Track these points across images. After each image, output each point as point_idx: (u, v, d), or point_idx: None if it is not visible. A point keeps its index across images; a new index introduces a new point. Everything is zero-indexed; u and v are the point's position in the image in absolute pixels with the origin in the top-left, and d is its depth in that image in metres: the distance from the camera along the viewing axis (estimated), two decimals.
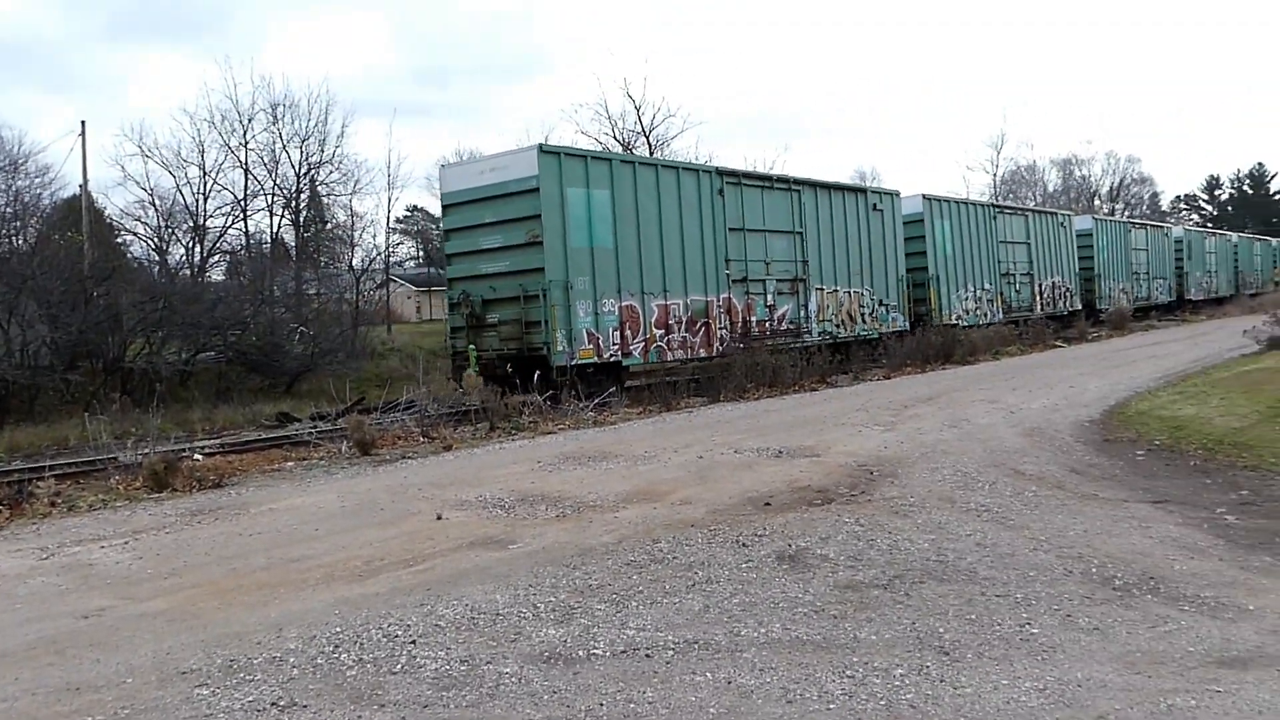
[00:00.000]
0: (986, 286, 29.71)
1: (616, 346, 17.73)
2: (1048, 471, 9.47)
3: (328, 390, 20.25)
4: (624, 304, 17.85)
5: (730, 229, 20.15)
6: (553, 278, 16.60)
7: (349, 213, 42.63)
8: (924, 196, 27.63)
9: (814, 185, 22.93)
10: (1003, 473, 9.37)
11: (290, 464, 12.46)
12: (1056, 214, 36.33)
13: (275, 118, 35.99)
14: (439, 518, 8.30)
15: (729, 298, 20.11)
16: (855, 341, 23.38)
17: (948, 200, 29.26)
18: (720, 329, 19.83)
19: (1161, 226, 50.41)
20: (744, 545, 6.98)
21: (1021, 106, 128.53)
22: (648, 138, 47.61)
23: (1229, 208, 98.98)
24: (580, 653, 5.02)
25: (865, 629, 5.22)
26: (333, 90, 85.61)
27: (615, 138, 47.73)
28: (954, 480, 9.04)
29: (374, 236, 45.69)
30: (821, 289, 22.70)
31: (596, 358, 17.36)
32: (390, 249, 49.67)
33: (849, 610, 5.54)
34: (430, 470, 11.14)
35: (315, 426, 16.67)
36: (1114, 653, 4.81)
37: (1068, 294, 34.86)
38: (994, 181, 69.45)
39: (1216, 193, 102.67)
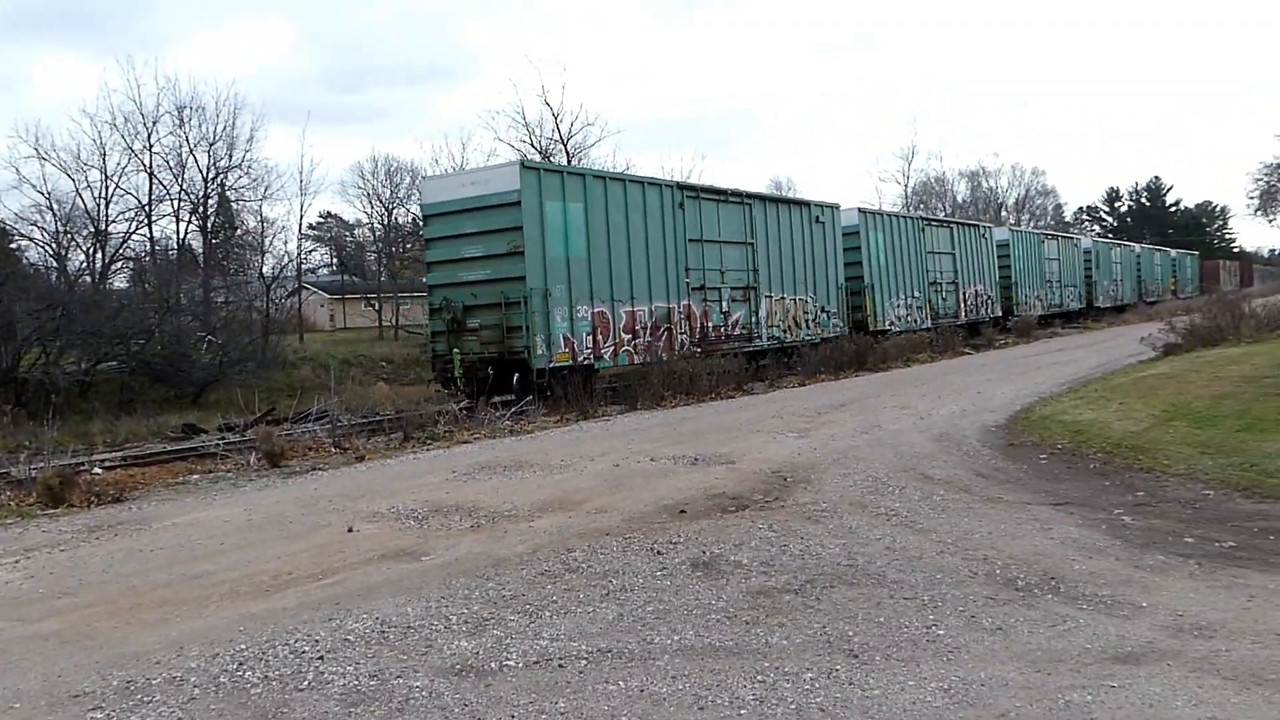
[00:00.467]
0: (916, 294, 30.93)
1: (589, 350, 18.61)
2: (955, 476, 9.69)
3: (237, 401, 19.76)
4: (596, 310, 18.75)
5: (690, 240, 21.19)
6: (533, 285, 17.39)
7: (259, 219, 41.70)
8: (859, 210, 28.91)
9: (763, 199, 24.47)
10: (912, 477, 9.56)
11: (196, 477, 12.12)
12: (979, 226, 38.14)
13: (181, 120, 34.99)
14: (350, 530, 8.15)
15: (689, 305, 21.18)
16: (800, 346, 24.27)
17: (882, 213, 31.09)
18: (681, 334, 20.84)
19: (1072, 238, 52.30)
20: (659, 553, 6.99)
21: (930, 118, 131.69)
22: (566, 146, 47.52)
23: (1128, 219, 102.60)
24: (492, 664, 4.97)
25: (777, 634, 5.27)
26: (242, 93, 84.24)
27: (533, 145, 47.54)
28: (865, 485, 9.20)
29: (286, 243, 45.04)
30: (770, 296, 23.82)
31: (572, 360, 18.20)
32: (303, 256, 48.70)
33: (761, 616, 5.58)
34: (342, 482, 10.94)
35: (223, 438, 16.25)
36: (1015, 652, 4.93)
37: (989, 301, 36.50)
38: (905, 192, 70.95)
39: (1116, 204, 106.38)
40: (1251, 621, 5.25)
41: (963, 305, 34.02)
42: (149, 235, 35.07)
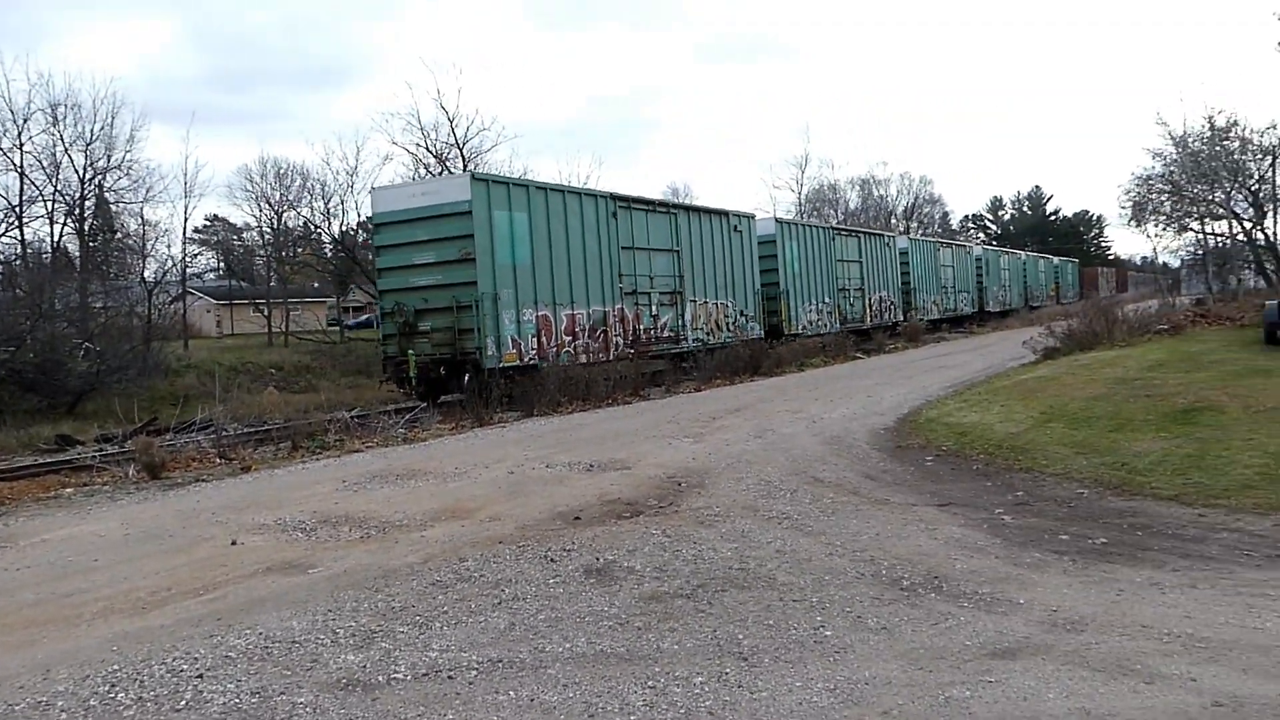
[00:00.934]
0: (827, 300, 32.54)
1: (534, 351, 19.56)
2: (845, 478, 9.89)
3: (116, 410, 18.99)
4: (540, 313, 19.79)
5: (622, 247, 22.41)
6: (484, 290, 18.30)
7: (141, 221, 40.17)
8: (776, 220, 31.31)
9: (687, 209, 26.14)
10: (803, 480, 9.73)
11: (70, 490, 11.61)
12: (883, 235, 40.50)
13: (56, 118, 33.61)
14: (234, 543, 7.91)
15: (622, 308, 22.35)
16: (721, 347, 25.16)
17: (796, 223, 33.28)
18: (616, 336, 22.03)
19: (965, 246, 54.21)
20: (552, 560, 6.96)
21: (822, 127, 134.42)
22: (461, 151, 47.06)
23: (1011, 227, 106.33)
24: (380, 678, 4.87)
25: (668, 639, 5.30)
26: (122, 91, 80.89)
27: (429, 149, 46.98)
28: (758, 489, 9.32)
29: (169, 247, 43.26)
30: (694, 301, 25.12)
31: (519, 360, 19.13)
32: (187, 260, 47.13)
33: (653, 621, 5.60)
34: (226, 493, 10.61)
35: (100, 449, 15.63)
36: (899, 650, 5.05)
37: (892, 306, 38.24)
38: (799, 200, 72.23)
39: (1000, 213, 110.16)
40: (1120, 615, 5.48)
41: (868, 310, 35.65)
42: (20, 238, 33.58)
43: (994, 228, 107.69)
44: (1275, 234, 31.86)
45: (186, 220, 45.30)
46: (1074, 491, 9.02)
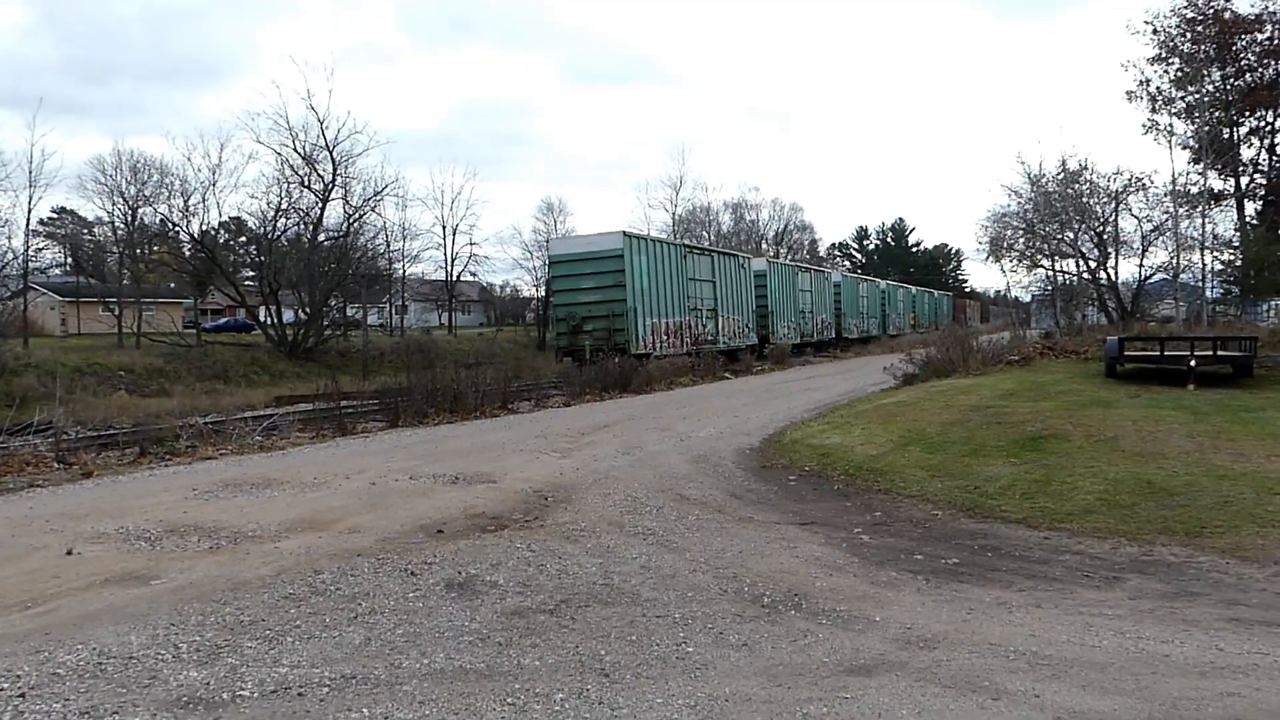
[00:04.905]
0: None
1: (650, 344, 29.80)
2: (710, 496, 9.97)
3: None
4: (653, 321, 30.18)
5: (689, 278, 32.95)
6: (629, 306, 28.78)
7: None
8: (766, 259, 41.79)
9: (716, 252, 38.86)
10: (670, 498, 9.76)
11: None
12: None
13: None
14: (69, 553, 7.43)
15: (688, 320, 32.81)
16: (736, 349, 35.38)
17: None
18: (687, 338, 32.23)
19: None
20: (413, 574, 6.78)
21: (698, 151, 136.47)
22: (331, 153, 46.11)
23: (875, 256, 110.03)
24: (224, 695, 4.63)
25: (530, 655, 5.21)
26: None
27: (296, 150, 45.77)
28: (624, 505, 9.30)
29: (10, 239, 40.57)
30: (721, 315, 35.48)
31: (644, 350, 28.93)
32: (31, 253, 44.52)
33: (515, 637, 5.50)
34: (64, 500, 10.00)
35: None
36: (759, 667, 5.09)
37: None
38: (673, 219, 73.04)
39: (865, 242, 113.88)
40: (970, 633, 5.65)
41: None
42: None
43: (859, 256, 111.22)
44: (1116, 274, 33.78)
45: (30, 211, 42.71)
46: (929, 513, 9.31)
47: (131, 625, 5.64)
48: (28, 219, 43.21)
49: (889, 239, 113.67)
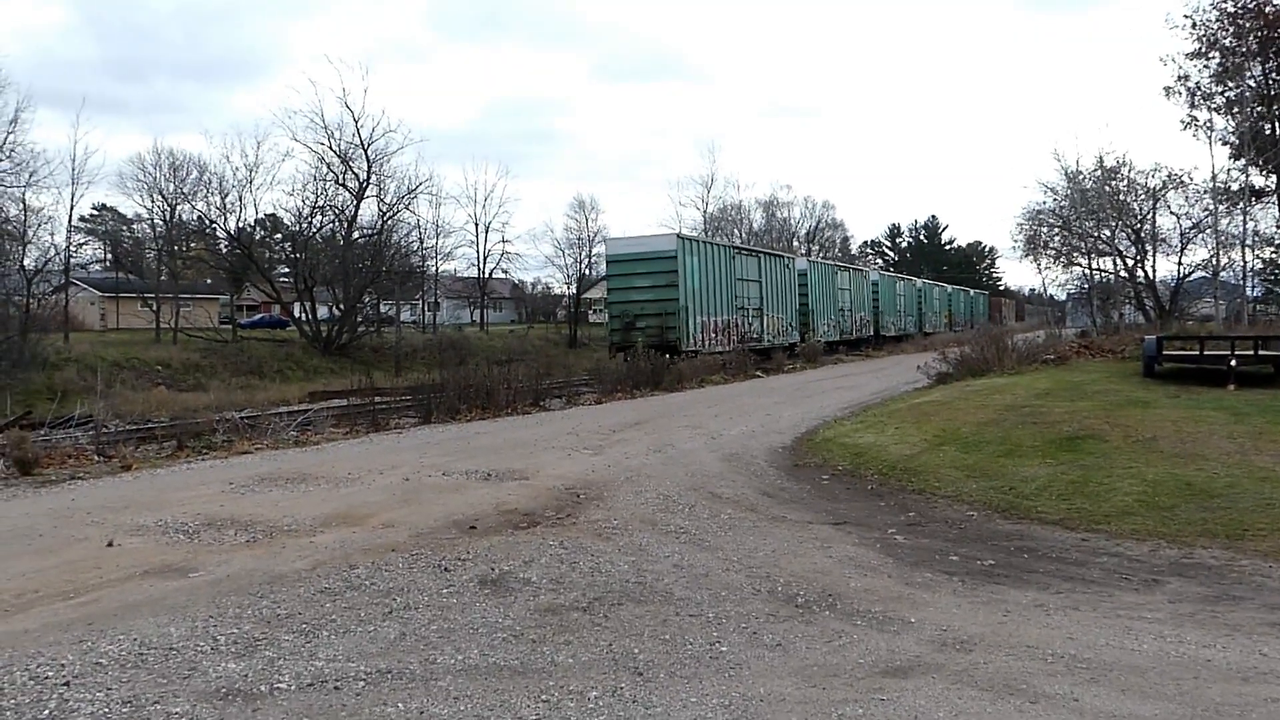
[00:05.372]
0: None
1: (700, 341, 30.81)
2: (743, 495, 9.94)
3: None
4: (703, 319, 31.17)
5: (736, 278, 33.79)
6: (681, 305, 29.86)
7: (22, 207, 38.23)
8: (808, 258, 42.04)
9: (762, 252, 39.88)
10: (701, 496, 9.75)
11: None
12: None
13: None
14: (110, 544, 7.54)
15: (735, 318, 33.73)
16: (776, 347, 35.51)
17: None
18: (734, 336, 33.14)
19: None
20: (446, 570, 6.81)
21: (729, 148, 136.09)
22: (366, 151, 46.41)
23: (908, 254, 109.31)
24: (262, 687, 4.68)
25: (563, 652, 5.22)
26: (7, 72, 77.13)
27: (332, 148, 46.12)
28: (656, 503, 9.30)
29: (53, 235, 41.17)
30: (766, 314, 36.42)
31: (694, 347, 30.05)
32: (72, 249, 45.17)
33: (548, 634, 5.52)
34: (104, 492, 10.14)
35: None
36: (794, 667, 5.07)
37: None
38: (704, 217, 72.85)
39: (898, 240, 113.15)
40: (1007, 635, 5.60)
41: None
42: None
43: (892, 254, 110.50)
44: (1154, 272, 33.35)
45: (73, 208, 43.37)
46: (964, 514, 9.24)
47: (171, 617, 5.71)
48: (70, 216, 43.88)
49: (922, 237, 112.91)
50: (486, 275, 64.83)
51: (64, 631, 5.46)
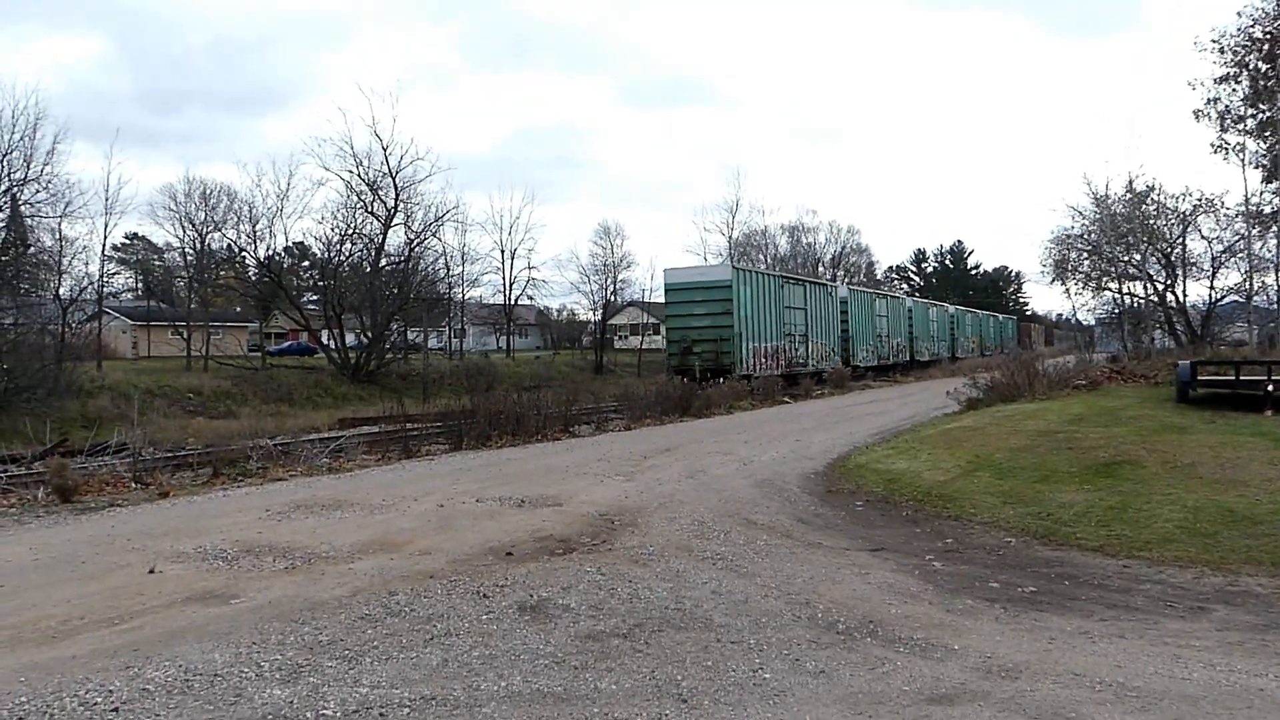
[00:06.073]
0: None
1: (752, 366, 32.55)
2: (777, 521, 9.91)
3: (24, 430, 18.24)
4: (754, 345, 33.06)
5: (784, 306, 35.59)
6: (736, 331, 31.83)
7: (57, 237, 38.81)
8: (848, 286, 44.10)
9: (808, 281, 42.38)
10: (736, 522, 9.72)
11: None
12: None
13: None
14: (152, 571, 7.61)
15: (783, 344, 35.49)
16: (821, 371, 37.35)
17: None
18: (782, 360, 34.89)
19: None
20: (485, 596, 6.82)
21: (754, 173, 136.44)
22: (395, 179, 46.84)
23: (933, 279, 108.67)
24: (308, 714, 4.69)
25: (606, 679, 5.21)
26: (44, 104, 78.58)
27: (360, 176, 46.60)
28: (691, 529, 9.28)
29: (86, 264, 41.91)
30: (811, 340, 38.00)
31: (747, 371, 31.87)
32: (105, 279, 45.75)
33: (590, 660, 5.51)
34: (143, 519, 10.23)
35: (5, 470, 14.97)
36: (838, 694, 5.03)
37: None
38: (729, 243, 72.99)
39: (923, 265, 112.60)
40: (1053, 663, 5.54)
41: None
42: None
43: (917, 279, 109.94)
44: (1185, 297, 33.09)
45: (106, 237, 44.06)
46: (1002, 540, 9.16)
47: (215, 643, 5.75)
48: (103, 245, 44.50)
49: (947, 261, 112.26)
50: (513, 302, 65.16)
51: (111, 658, 5.50)
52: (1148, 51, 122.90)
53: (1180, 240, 32.40)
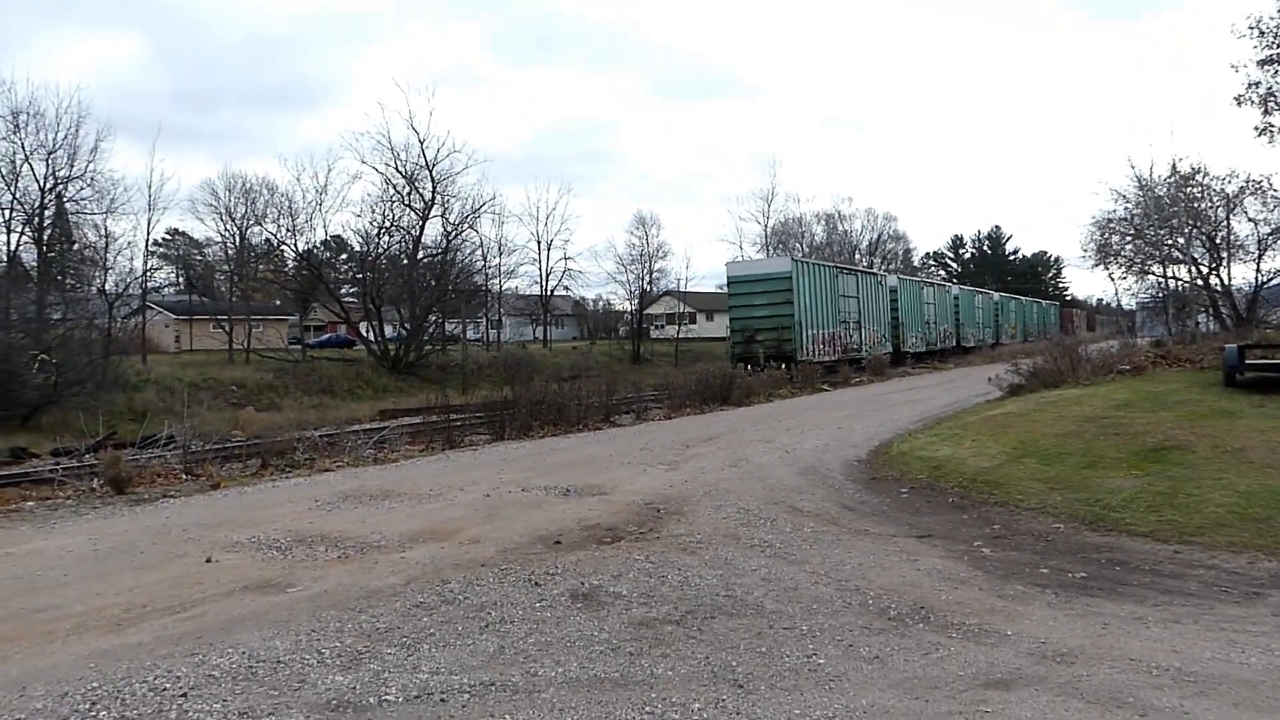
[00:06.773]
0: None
1: (810, 352, 34.19)
2: (823, 508, 9.91)
3: (74, 424, 18.64)
4: (812, 332, 34.81)
5: (840, 295, 37.46)
6: (797, 320, 33.66)
7: (101, 233, 39.41)
8: (897, 275, 45.29)
9: (860, 271, 44.36)
10: (782, 510, 9.73)
11: (31, 504, 11.34)
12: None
13: (17, 126, 33.10)
14: (209, 560, 7.76)
15: (838, 331, 37.23)
16: (875, 356, 38.62)
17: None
18: (837, 347, 36.62)
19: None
20: (537, 584, 6.89)
21: (788, 161, 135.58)
22: (431, 172, 47.08)
23: (971, 265, 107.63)
24: (371, 699, 4.78)
25: (661, 665, 5.26)
26: (87, 103, 79.73)
27: (399, 170, 46.89)
28: (737, 517, 9.31)
29: (130, 260, 42.55)
30: (863, 327, 39.85)
31: (806, 357, 33.34)
32: (148, 273, 46.40)
33: (645, 647, 5.56)
34: (196, 510, 10.42)
35: (58, 463, 15.29)
36: (893, 679, 5.05)
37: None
38: (765, 232, 72.72)
39: (961, 251, 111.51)
40: (1107, 648, 5.52)
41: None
42: None
43: (955, 266, 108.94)
44: (1230, 280, 32.51)
45: (149, 233, 44.66)
46: (1050, 526, 9.10)
47: (275, 630, 5.86)
48: (147, 241, 45.12)
49: (985, 247, 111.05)
50: (549, 292, 65.36)
51: (175, 645, 5.63)
52: (1187, 34, 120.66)
53: (1225, 223, 31.82)
